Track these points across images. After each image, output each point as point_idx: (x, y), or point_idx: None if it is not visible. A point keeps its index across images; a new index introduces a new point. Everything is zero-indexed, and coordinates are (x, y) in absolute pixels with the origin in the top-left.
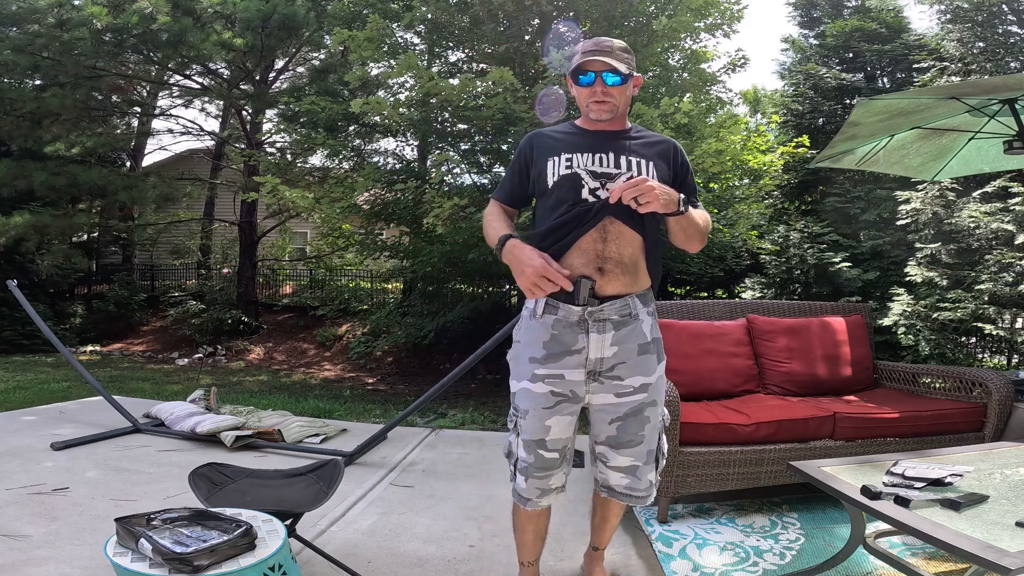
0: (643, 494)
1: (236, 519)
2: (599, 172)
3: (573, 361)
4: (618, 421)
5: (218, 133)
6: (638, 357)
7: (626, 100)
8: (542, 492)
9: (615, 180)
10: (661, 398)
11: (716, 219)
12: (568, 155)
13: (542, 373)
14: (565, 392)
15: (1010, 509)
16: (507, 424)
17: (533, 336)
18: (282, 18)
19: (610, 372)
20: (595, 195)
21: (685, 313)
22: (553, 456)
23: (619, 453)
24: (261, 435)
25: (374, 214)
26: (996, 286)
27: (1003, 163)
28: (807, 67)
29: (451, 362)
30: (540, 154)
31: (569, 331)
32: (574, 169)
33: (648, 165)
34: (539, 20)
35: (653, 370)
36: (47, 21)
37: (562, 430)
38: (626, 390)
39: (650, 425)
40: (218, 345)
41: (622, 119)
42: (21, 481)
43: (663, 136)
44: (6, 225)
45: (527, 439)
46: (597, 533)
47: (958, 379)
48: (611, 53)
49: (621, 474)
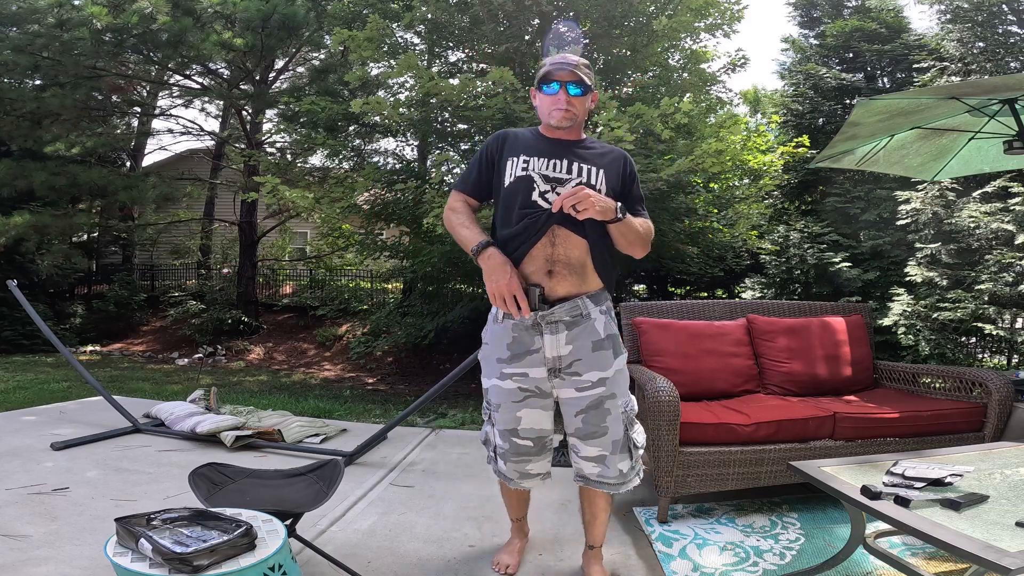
0: (614, 481)
1: (236, 519)
2: (551, 176)
3: (534, 360)
4: (582, 414)
5: (218, 133)
6: (593, 353)
7: (584, 111)
8: (521, 475)
9: (565, 184)
10: (621, 390)
11: (716, 219)
12: (526, 157)
13: (509, 371)
14: (531, 388)
15: (1010, 509)
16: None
17: (497, 339)
18: (282, 18)
19: (569, 368)
20: (544, 198)
21: (685, 313)
22: (526, 443)
23: (587, 444)
24: (261, 435)
25: (374, 214)
26: (996, 286)
27: (1003, 163)
28: (807, 67)
29: (451, 362)
30: (505, 152)
31: (526, 333)
32: (529, 172)
33: (598, 172)
34: (539, 20)
35: (609, 365)
36: (47, 21)
37: (534, 421)
38: (585, 384)
39: (611, 416)
40: (218, 345)
41: (578, 130)
42: (21, 481)
43: (614, 147)
44: (6, 225)
45: (501, 428)
46: (589, 530)
47: (958, 379)
48: (575, 67)
49: (592, 463)
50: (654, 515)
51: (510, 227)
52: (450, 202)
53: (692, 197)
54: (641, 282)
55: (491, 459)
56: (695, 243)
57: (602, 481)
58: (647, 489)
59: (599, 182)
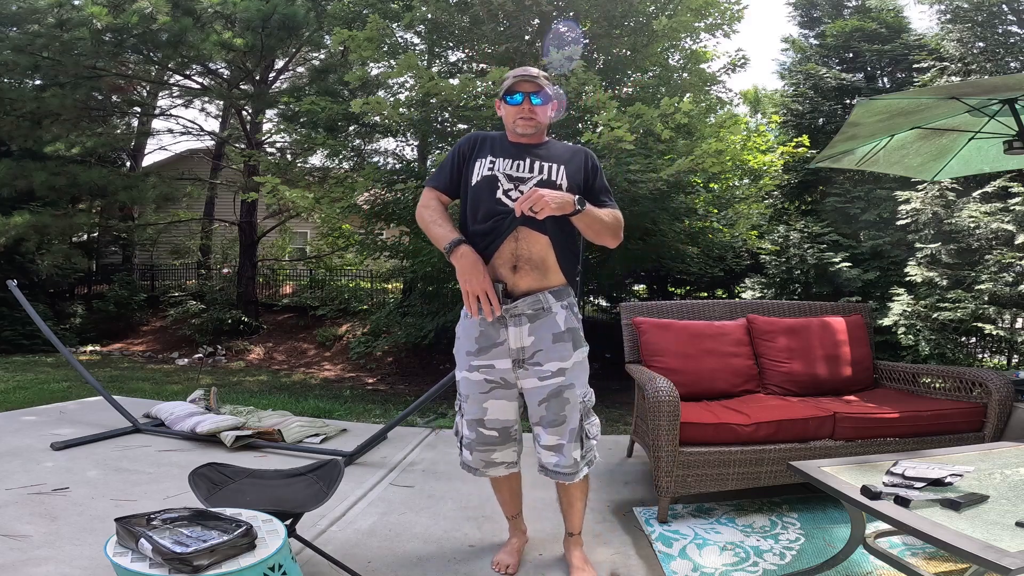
0: (569, 471)
1: (236, 519)
2: (514, 176)
3: (500, 352)
4: (544, 402)
5: (218, 133)
6: (553, 344)
7: (546, 119)
8: (486, 463)
9: (527, 183)
10: (580, 381)
11: (716, 219)
12: (492, 158)
13: (476, 364)
14: (496, 379)
15: (1010, 509)
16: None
17: (467, 333)
18: (282, 18)
19: (531, 359)
20: (508, 195)
21: (685, 313)
22: (492, 434)
23: (547, 432)
24: (261, 435)
25: (374, 214)
26: (996, 286)
27: (1003, 163)
28: (807, 67)
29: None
30: (475, 153)
31: (492, 327)
32: (494, 171)
33: (559, 169)
34: (539, 20)
35: (569, 356)
36: (47, 21)
37: (500, 412)
38: (546, 374)
39: (570, 405)
40: (218, 345)
41: (542, 135)
42: (21, 481)
43: (576, 146)
44: (6, 225)
45: (469, 419)
46: (567, 518)
47: (958, 379)
48: (536, 79)
49: (550, 452)
50: (654, 515)
51: (477, 224)
52: (423, 199)
53: (692, 197)
54: (641, 282)
55: (460, 451)
56: (695, 243)
57: (557, 471)
58: (647, 489)
59: (560, 177)
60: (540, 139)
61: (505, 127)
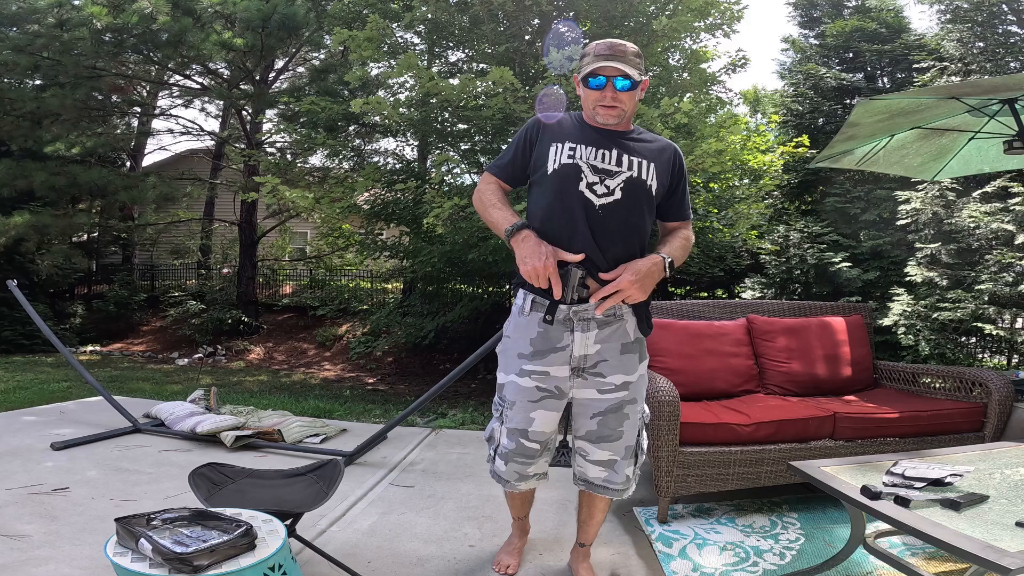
0: (620, 487)
1: (236, 519)
2: (599, 167)
3: (559, 358)
4: (599, 416)
5: (218, 133)
6: (621, 356)
7: (634, 105)
8: (520, 476)
9: (614, 177)
10: (641, 396)
11: (716, 219)
12: (572, 144)
13: (529, 369)
14: (550, 388)
15: (1010, 509)
16: (493, 411)
17: (521, 332)
18: (282, 18)
19: (593, 368)
20: (592, 189)
21: (685, 313)
22: (534, 446)
23: (598, 447)
24: (261, 435)
25: (374, 214)
26: (996, 286)
27: (1003, 163)
28: (807, 67)
29: (451, 362)
30: (546, 136)
31: (555, 328)
32: (576, 160)
33: (648, 166)
34: (539, 20)
35: (635, 369)
36: (47, 21)
37: (545, 423)
38: (608, 387)
39: (629, 422)
40: (218, 345)
41: (628, 122)
42: (21, 481)
43: (666, 140)
44: (6, 225)
45: (511, 427)
46: (583, 529)
47: (958, 379)
48: (624, 58)
49: (600, 468)
50: (654, 515)
51: (552, 221)
52: (481, 184)
53: (692, 197)
54: None
55: (490, 458)
56: (695, 243)
57: (607, 487)
58: (647, 489)
59: (650, 176)
60: (627, 126)
61: (583, 109)
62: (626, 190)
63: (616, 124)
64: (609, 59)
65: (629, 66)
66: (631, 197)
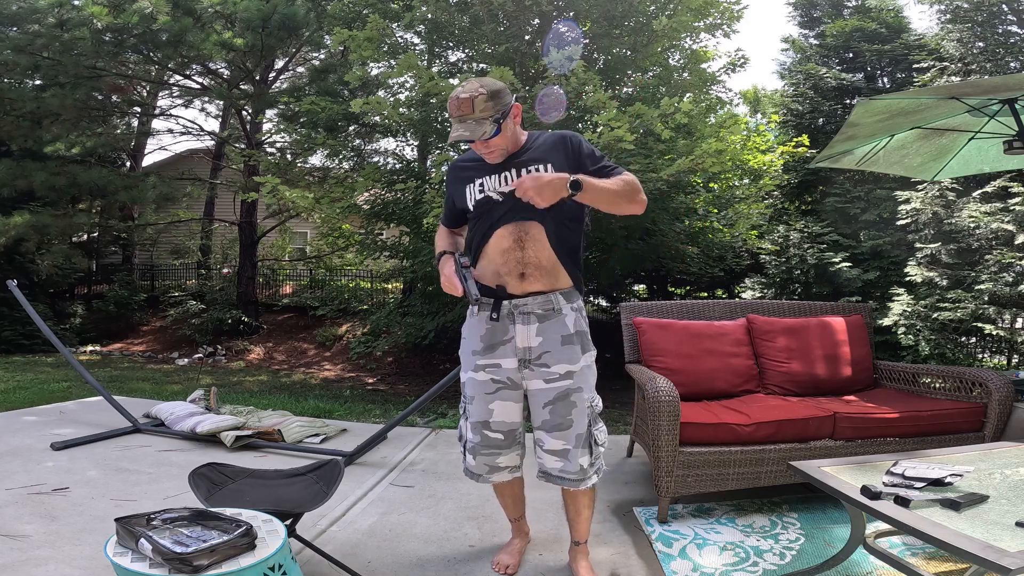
0: (575, 476)
1: (236, 519)
2: (506, 191)
3: (506, 351)
4: (549, 405)
5: (218, 133)
6: (562, 347)
7: (512, 133)
8: (491, 468)
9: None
10: (588, 385)
11: (716, 219)
12: (480, 180)
13: (482, 363)
14: (503, 379)
15: (1010, 509)
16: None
17: (472, 332)
18: (282, 18)
19: (538, 360)
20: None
21: (685, 313)
22: (497, 436)
23: (552, 436)
24: (261, 435)
25: (374, 214)
26: (996, 286)
27: (1003, 163)
28: (807, 67)
29: (451, 362)
30: (458, 184)
31: (499, 324)
32: (486, 192)
33: (545, 166)
34: (539, 20)
35: (578, 359)
36: (47, 21)
37: (505, 414)
38: (553, 376)
39: (577, 409)
40: (218, 345)
41: (515, 143)
42: (21, 481)
43: (556, 134)
44: (6, 225)
45: (474, 421)
46: (574, 527)
47: (958, 379)
48: (471, 115)
49: (555, 457)
50: (654, 515)
51: (485, 242)
52: (438, 231)
53: (692, 197)
54: (641, 282)
55: (463, 456)
56: (695, 243)
57: (563, 476)
58: (647, 489)
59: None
60: (518, 145)
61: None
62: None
63: (506, 154)
64: (459, 123)
65: (479, 121)
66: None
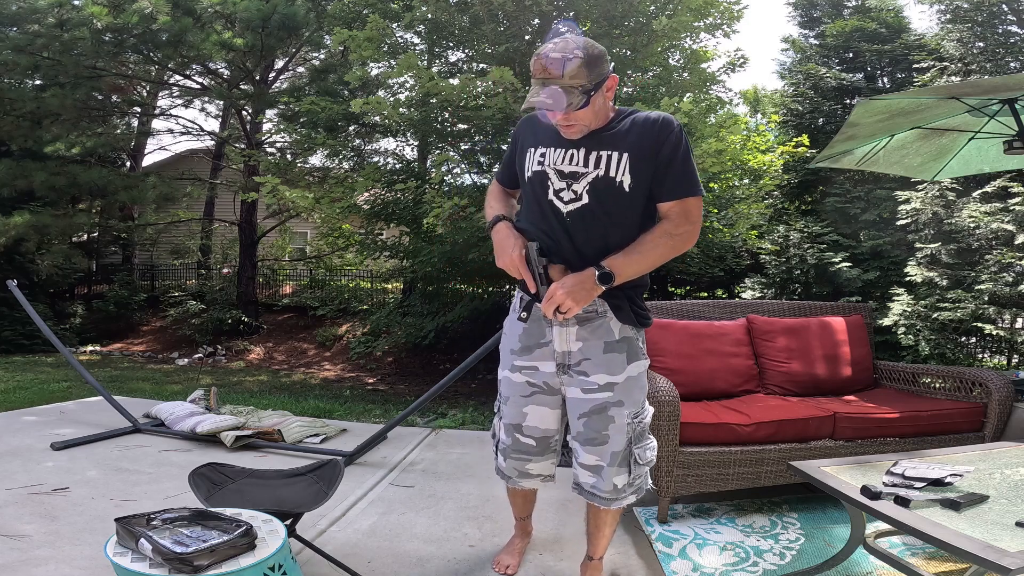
0: (607, 496)
1: (236, 519)
2: (566, 172)
3: (544, 353)
4: (584, 417)
5: (218, 133)
6: (604, 355)
7: (600, 107)
8: (520, 474)
9: (580, 180)
10: (631, 399)
11: (716, 219)
12: (543, 149)
13: (519, 364)
14: (539, 383)
15: (1010, 509)
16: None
17: (511, 329)
18: (282, 18)
19: (577, 367)
20: (559, 196)
21: (685, 313)
22: (529, 442)
23: (586, 450)
24: (261, 435)
25: (374, 214)
26: (996, 286)
27: (1003, 163)
28: (807, 67)
29: (451, 362)
30: (524, 143)
31: (537, 324)
32: (544, 167)
33: (620, 158)
34: (539, 20)
35: (620, 369)
36: (47, 21)
37: (540, 419)
38: (591, 387)
39: (615, 426)
40: (218, 345)
41: (603, 119)
42: (21, 481)
43: (657, 117)
44: (6, 225)
45: (507, 423)
46: (591, 541)
47: (958, 379)
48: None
49: (588, 472)
50: (654, 515)
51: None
52: (490, 187)
53: None
54: None
55: (494, 455)
56: (695, 243)
57: (594, 493)
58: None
59: (620, 171)
60: (603, 122)
61: None
62: (592, 192)
63: (586, 131)
64: (541, 86)
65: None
66: (598, 199)
